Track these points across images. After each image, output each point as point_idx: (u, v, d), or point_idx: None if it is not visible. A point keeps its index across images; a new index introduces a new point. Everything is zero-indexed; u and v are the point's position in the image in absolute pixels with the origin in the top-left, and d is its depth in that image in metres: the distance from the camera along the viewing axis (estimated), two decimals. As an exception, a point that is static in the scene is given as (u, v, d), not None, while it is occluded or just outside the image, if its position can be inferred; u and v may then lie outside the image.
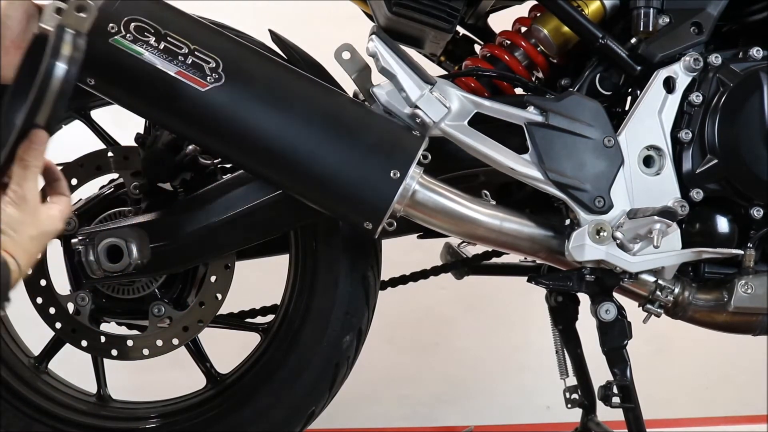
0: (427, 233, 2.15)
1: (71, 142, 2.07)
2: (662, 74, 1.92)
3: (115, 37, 1.76)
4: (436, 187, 1.86)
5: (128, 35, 1.76)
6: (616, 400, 1.95)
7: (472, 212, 1.88)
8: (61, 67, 1.51)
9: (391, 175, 1.79)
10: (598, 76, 1.97)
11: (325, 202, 1.84)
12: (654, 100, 1.92)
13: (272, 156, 1.79)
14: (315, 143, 1.79)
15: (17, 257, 1.50)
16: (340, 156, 1.79)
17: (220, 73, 1.78)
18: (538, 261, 2.11)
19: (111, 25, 1.76)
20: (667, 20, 1.93)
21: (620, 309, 1.95)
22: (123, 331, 2.08)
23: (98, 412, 2.07)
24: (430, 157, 1.83)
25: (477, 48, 2.18)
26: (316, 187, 1.81)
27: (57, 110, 1.51)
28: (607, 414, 2.09)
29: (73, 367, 2.14)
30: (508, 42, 2.06)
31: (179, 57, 1.77)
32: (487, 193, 1.91)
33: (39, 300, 2.00)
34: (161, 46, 1.77)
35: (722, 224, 1.95)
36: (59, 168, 1.98)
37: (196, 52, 1.78)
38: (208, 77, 1.78)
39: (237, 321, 2.18)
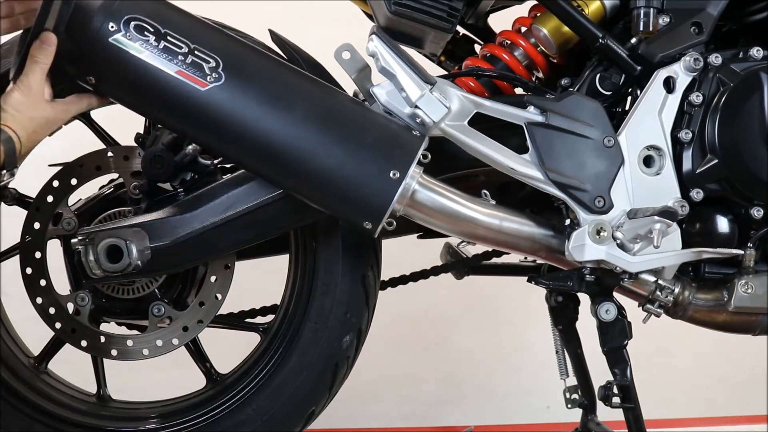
0: (427, 233, 2.15)
1: (71, 142, 2.07)
2: (662, 74, 1.92)
3: (115, 35, 1.77)
4: (435, 186, 1.86)
5: (128, 34, 1.77)
6: (616, 400, 1.95)
7: (472, 212, 1.88)
8: None
9: (391, 175, 1.79)
10: (598, 76, 1.97)
11: (325, 201, 1.84)
12: (654, 100, 1.92)
13: (272, 155, 1.80)
14: (315, 143, 1.79)
15: (18, 132, 1.73)
16: (339, 155, 1.79)
17: (220, 72, 1.78)
18: (539, 260, 2.11)
19: (111, 24, 1.77)
20: (667, 20, 1.93)
21: (620, 309, 1.95)
22: (123, 331, 2.08)
23: (98, 412, 2.07)
24: (429, 156, 1.83)
25: (477, 48, 2.18)
26: (316, 186, 1.81)
27: (62, 16, 1.75)
28: (607, 414, 2.09)
29: (73, 367, 2.14)
30: (508, 42, 2.06)
31: (179, 56, 1.78)
32: (487, 193, 1.92)
33: (39, 300, 1.99)
34: (161, 45, 1.78)
35: (722, 224, 1.95)
36: (59, 167, 2.00)
37: (196, 52, 1.78)
38: (208, 77, 1.78)
39: (237, 321, 2.18)
